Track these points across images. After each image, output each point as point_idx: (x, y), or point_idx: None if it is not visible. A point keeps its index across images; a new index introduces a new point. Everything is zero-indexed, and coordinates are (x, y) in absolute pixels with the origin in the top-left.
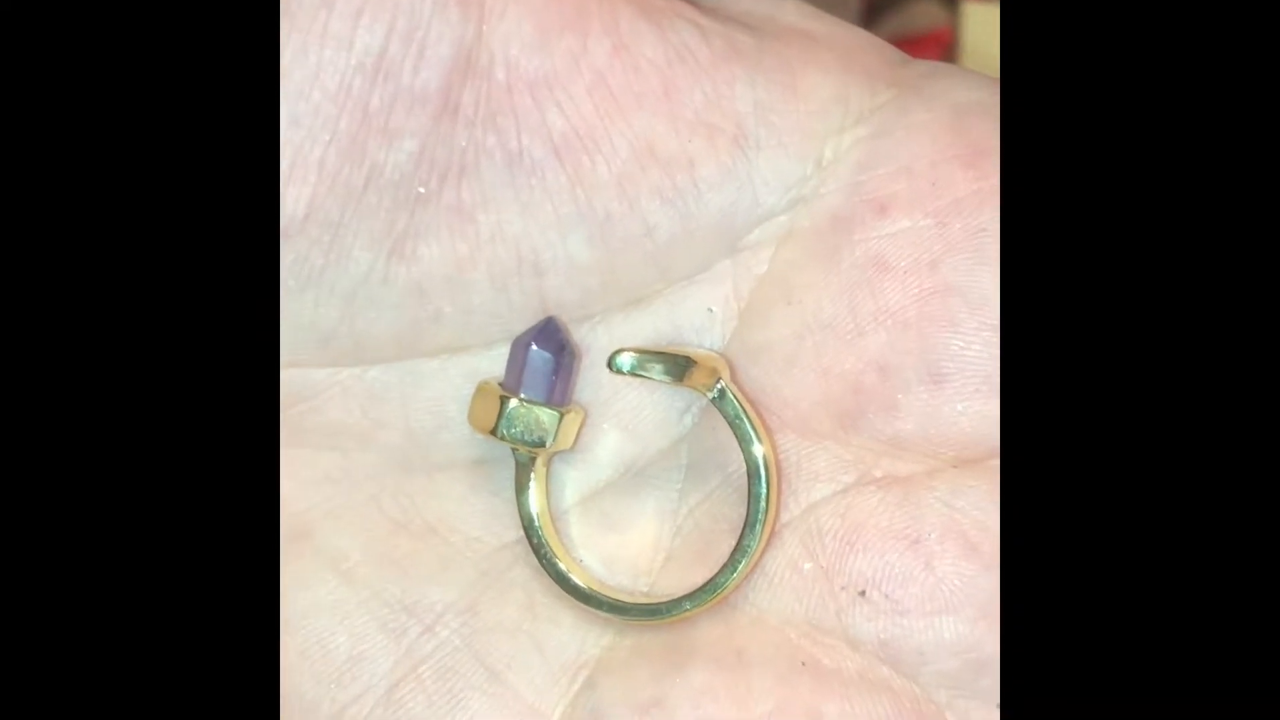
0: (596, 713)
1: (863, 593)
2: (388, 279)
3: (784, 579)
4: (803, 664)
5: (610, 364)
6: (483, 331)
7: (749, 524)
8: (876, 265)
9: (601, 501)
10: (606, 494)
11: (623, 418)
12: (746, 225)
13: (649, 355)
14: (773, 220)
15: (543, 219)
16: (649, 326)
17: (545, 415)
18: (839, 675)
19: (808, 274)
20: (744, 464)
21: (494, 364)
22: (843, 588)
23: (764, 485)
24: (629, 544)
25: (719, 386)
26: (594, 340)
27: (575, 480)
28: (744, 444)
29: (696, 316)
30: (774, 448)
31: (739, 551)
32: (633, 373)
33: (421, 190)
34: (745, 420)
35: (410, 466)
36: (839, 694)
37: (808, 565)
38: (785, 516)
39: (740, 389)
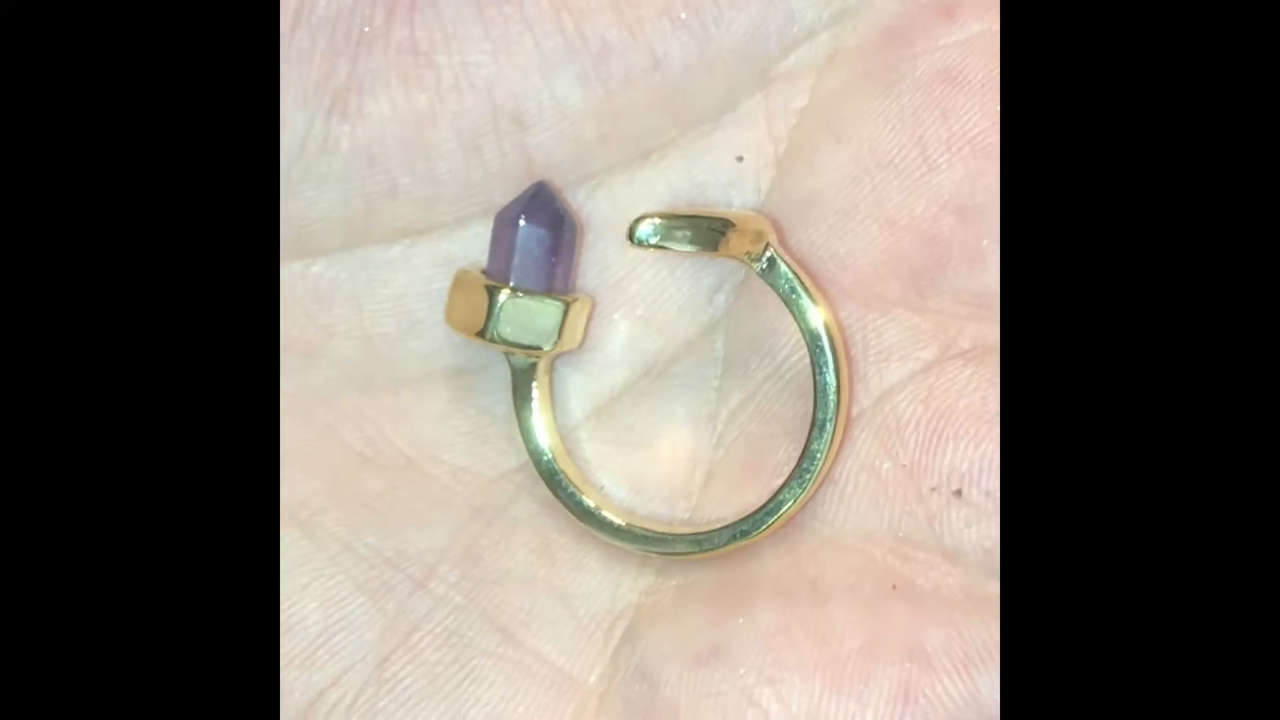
0: (644, 670)
1: (958, 492)
2: (328, 145)
3: (859, 486)
4: (893, 587)
5: (631, 235)
6: (454, 206)
7: (816, 424)
8: (946, 81)
9: (620, 411)
10: (625, 401)
11: (638, 303)
12: (780, 48)
13: (676, 220)
14: (812, 40)
15: (521, 57)
16: (663, 185)
17: (546, 308)
18: (939, 597)
19: (860, 102)
20: (796, 348)
21: (470, 247)
22: (933, 489)
23: (833, 373)
24: (660, 461)
25: (767, 254)
26: (594, 208)
27: (584, 387)
28: (804, 323)
29: (723, 168)
30: (839, 325)
31: (806, 459)
32: (658, 245)
33: (365, 28)
34: (803, 294)
35: (372, 384)
36: (942, 620)
37: (887, 465)
38: (854, 408)
39: (790, 254)
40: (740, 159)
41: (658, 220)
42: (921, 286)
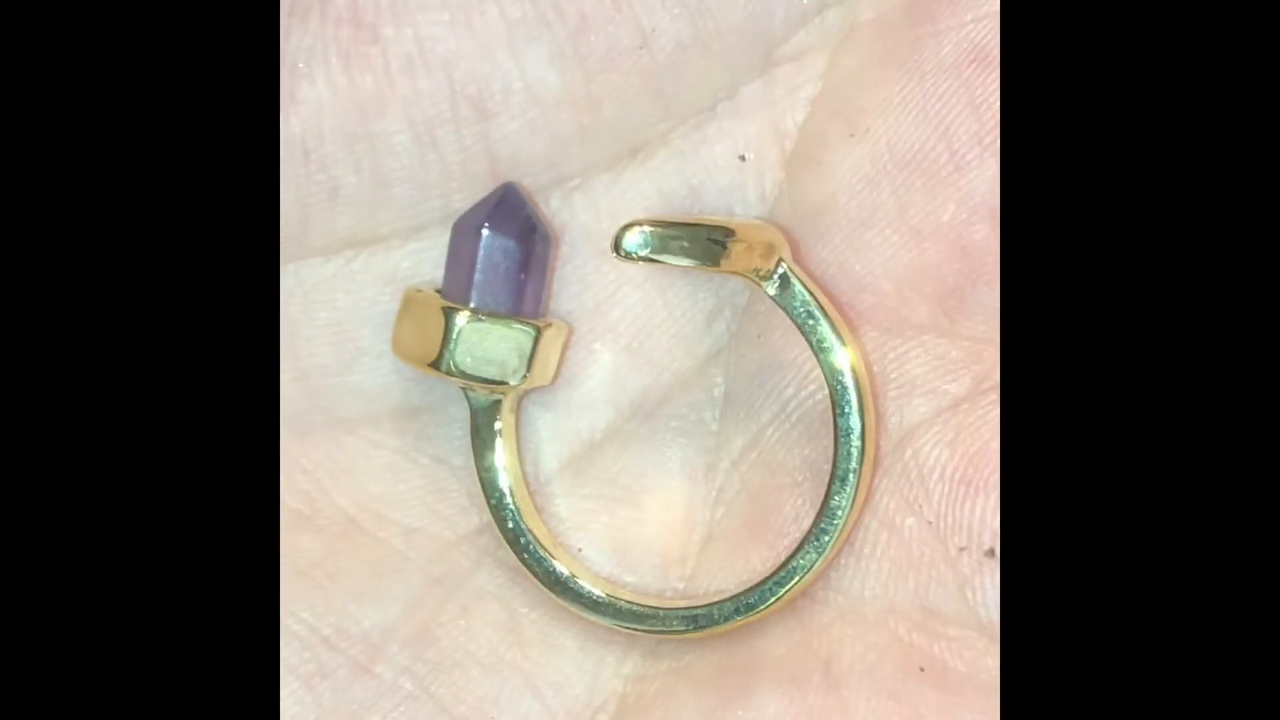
0: None
1: (991, 552)
2: None
3: (879, 546)
4: (921, 670)
5: (616, 246)
6: (405, 211)
7: (837, 476)
8: (976, 61)
9: (601, 460)
10: (608, 449)
11: (623, 330)
12: (786, 25)
13: (671, 229)
14: (822, 14)
15: (484, 30)
16: (652, 189)
17: (513, 334)
18: (975, 682)
19: (877, 88)
20: (805, 382)
21: (423, 261)
22: (962, 548)
23: (857, 416)
24: (649, 520)
25: (780, 271)
26: (572, 215)
27: (558, 431)
28: (824, 356)
29: (722, 169)
30: (865, 359)
31: (825, 517)
32: (649, 258)
33: None
34: (823, 320)
35: (309, 427)
36: (979, 709)
37: (910, 521)
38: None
39: (806, 271)
40: (744, 159)
41: (648, 229)
42: (951, 307)
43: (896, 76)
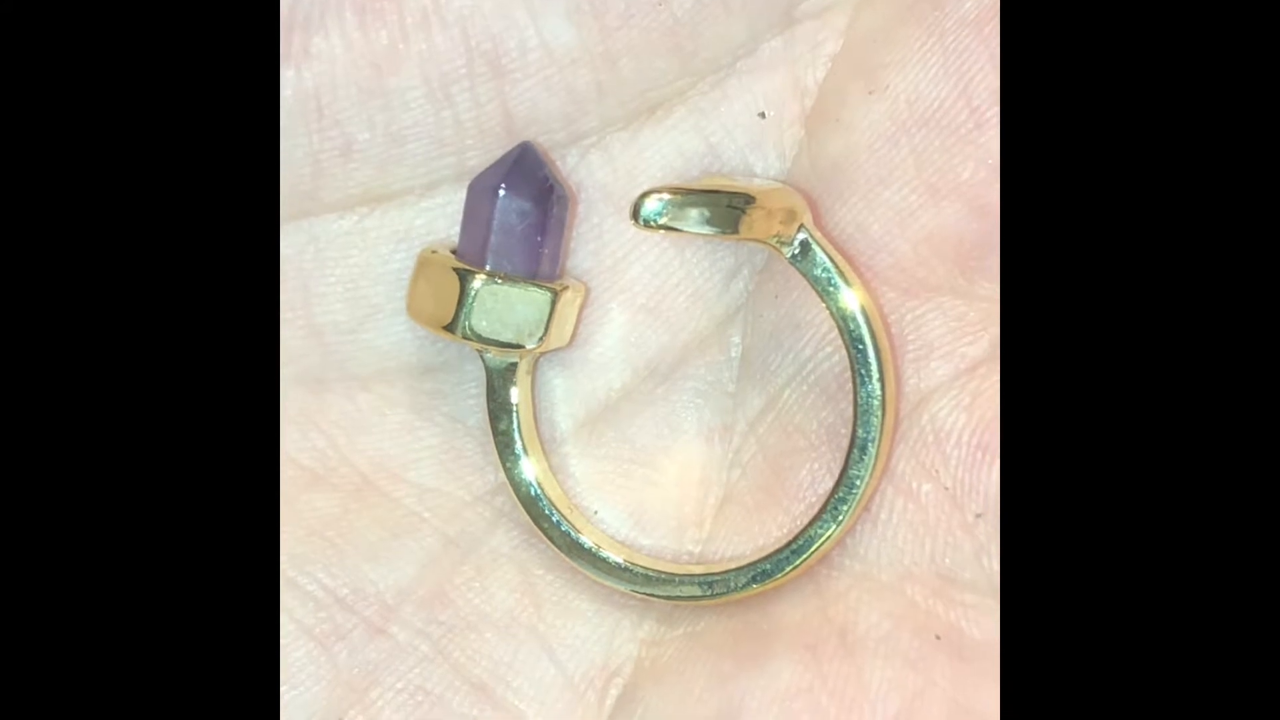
0: None
1: None
2: None
3: (895, 512)
4: (937, 638)
5: (635, 213)
6: (419, 168)
7: (856, 444)
8: (997, 17)
9: (616, 422)
10: (623, 410)
11: (640, 289)
12: None
13: (689, 196)
14: None
15: None
16: (670, 147)
17: (530, 297)
18: (991, 649)
19: (898, 45)
20: (823, 343)
21: (438, 219)
22: (978, 515)
23: (877, 383)
24: (664, 483)
25: (799, 237)
26: (588, 173)
27: (573, 391)
28: (844, 322)
29: (742, 126)
30: (887, 326)
31: (843, 486)
32: (668, 226)
33: None
34: (844, 286)
35: (321, 383)
36: (995, 677)
37: (926, 487)
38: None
39: (826, 234)
40: (763, 116)
41: (667, 196)
42: (969, 268)
43: (917, 33)
